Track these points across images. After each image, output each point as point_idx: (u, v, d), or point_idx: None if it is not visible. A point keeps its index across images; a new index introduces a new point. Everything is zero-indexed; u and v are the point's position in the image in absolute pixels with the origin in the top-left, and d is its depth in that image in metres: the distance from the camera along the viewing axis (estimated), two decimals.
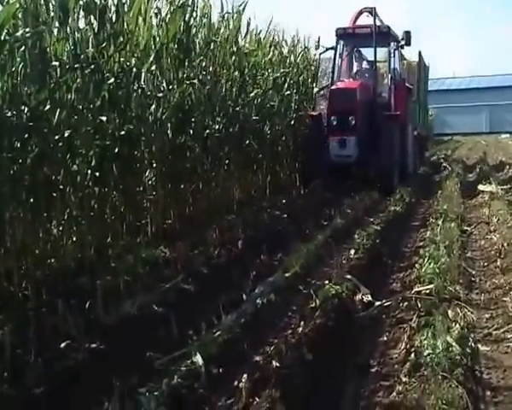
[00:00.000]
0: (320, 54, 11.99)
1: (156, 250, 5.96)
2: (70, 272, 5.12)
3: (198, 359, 3.22)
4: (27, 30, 4.25)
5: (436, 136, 32.11)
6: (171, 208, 7.09)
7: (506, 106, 40.88)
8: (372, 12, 11.17)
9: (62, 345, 3.49)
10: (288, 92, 10.85)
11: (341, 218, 7.35)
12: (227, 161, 8.44)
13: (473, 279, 5.17)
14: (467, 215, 7.96)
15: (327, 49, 11.78)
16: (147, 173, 6.50)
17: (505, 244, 5.76)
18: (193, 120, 7.15)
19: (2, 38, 4.03)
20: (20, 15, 4.35)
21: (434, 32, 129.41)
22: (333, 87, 10.99)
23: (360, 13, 12.33)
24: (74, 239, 5.52)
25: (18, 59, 4.31)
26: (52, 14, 4.71)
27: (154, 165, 6.61)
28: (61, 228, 5.33)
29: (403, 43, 11.37)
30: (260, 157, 9.65)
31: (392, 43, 11.46)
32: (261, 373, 3.02)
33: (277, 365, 3.08)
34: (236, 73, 8.53)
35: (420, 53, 15.12)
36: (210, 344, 3.53)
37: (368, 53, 11.97)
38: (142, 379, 3.11)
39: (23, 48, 4.31)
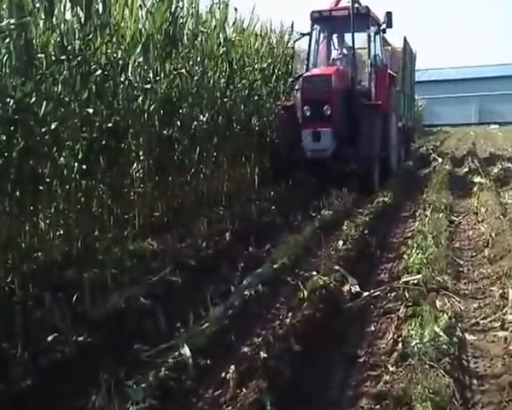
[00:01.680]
0: (295, 41, 11.17)
1: (144, 243, 5.95)
2: (57, 265, 5.09)
3: (185, 351, 3.22)
4: (12, 21, 4.17)
5: (425, 127, 32.28)
6: (158, 201, 7.06)
7: (495, 97, 41.08)
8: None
9: (49, 338, 3.48)
10: (276, 83, 10.77)
11: (330, 209, 7.35)
12: (215, 153, 8.40)
13: (461, 269, 5.20)
14: (455, 206, 7.99)
15: (302, 36, 10.92)
16: (134, 166, 6.44)
17: (493, 234, 5.80)
18: (180, 111, 7.10)
19: None
20: (4, 6, 4.28)
21: (423, 22, 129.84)
22: (306, 74, 10.00)
23: None
24: (61, 232, 5.49)
25: (3, 50, 4.24)
26: (38, 4, 4.63)
27: (142, 157, 6.56)
28: (47, 221, 5.29)
29: (384, 26, 10.49)
30: (248, 149, 9.62)
31: (372, 27, 10.44)
32: (249, 364, 3.02)
33: (265, 356, 3.08)
34: (224, 63, 8.46)
35: (405, 38, 14.04)
36: (197, 336, 3.53)
37: (350, 38, 10.62)
38: (129, 371, 3.11)
39: (8, 39, 4.25)
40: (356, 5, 9.89)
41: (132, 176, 6.53)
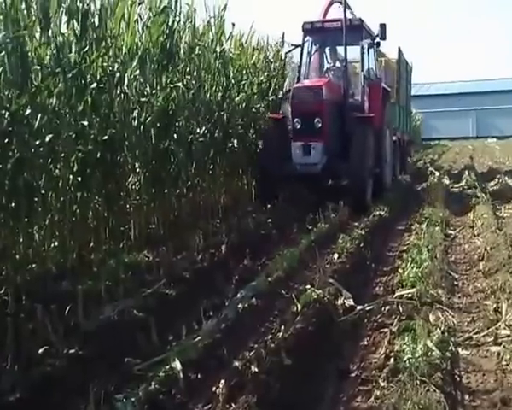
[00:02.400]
0: (286, 52, 10.99)
1: (139, 255, 5.96)
2: (51, 276, 5.09)
3: (176, 364, 3.20)
4: (7, 34, 4.20)
5: (424, 140, 32.48)
6: (155, 213, 7.06)
7: (492, 111, 41.30)
8: (343, 2, 9.69)
9: (40, 351, 3.47)
10: (275, 97, 10.81)
11: (326, 222, 7.35)
12: (212, 166, 8.41)
13: (455, 283, 5.19)
14: (451, 220, 7.99)
15: (295, 47, 10.62)
16: (130, 178, 6.44)
17: (488, 248, 5.80)
18: (177, 124, 7.12)
19: None
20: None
21: (422, 37, 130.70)
22: (296, 85, 9.71)
23: (331, 4, 11.15)
24: (56, 244, 5.49)
25: None
26: (34, 18, 4.66)
27: (138, 170, 6.57)
28: (42, 233, 5.29)
29: (378, 39, 10.18)
30: (245, 162, 9.63)
31: (365, 39, 10.12)
32: (239, 379, 3.00)
33: (256, 370, 3.07)
34: (221, 77, 8.51)
35: (399, 50, 13.76)
36: (189, 350, 3.51)
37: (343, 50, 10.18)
38: (120, 385, 3.10)
39: (3, 52, 4.27)
40: (349, 17, 9.64)
41: (128, 188, 6.54)
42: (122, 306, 4.34)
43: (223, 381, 2.93)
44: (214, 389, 2.97)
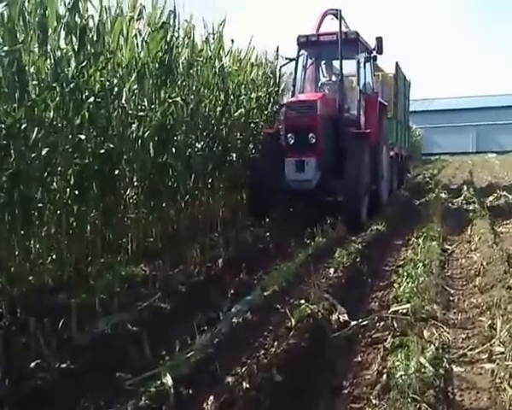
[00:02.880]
0: (281, 66, 10.72)
1: (136, 268, 5.97)
2: (48, 289, 5.09)
3: (167, 380, 3.18)
4: (3, 48, 4.24)
5: (424, 155, 32.68)
6: (153, 226, 7.07)
7: (492, 126, 41.60)
8: (337, 14, 9.45)
9: (32, 364, 3.45)
10: (275, 111, 10.83)
11: (323, 236, 7.35)
12: (210, 180, 8.43)
13: (451, 299, 5.17)
14: (449, 235, 7.97)
15: (290, 61, 10.38)
16: (128, 191, 6.46)
17: (484, 263, 5.78)
18: (175, 138, 7.15)
19: None
20: None
21: (423, 53, 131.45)
22: (290, 99, 9.54)
23: (324, 15, 10.73)
24: (53, 257, 5.49)
25: None
26: (31, 32, 4.70)
27: (136, 183, 6.59)
28: (37, 246, 5.29)
29: (374, 53, 9.93)
30: (244, 176, 9.64)
31: (361, 53, 9.87)
32: (229, 395, 2.99)
33: (247, 386, 3.05)
34: (220, 92, 8.56)
35: (397, 64, 13.64)
36: (182, 365, 3.50)
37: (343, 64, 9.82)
38: (110, 399, 3.08)
39: None
40: (344, 30, 9.41)
41: (126, 201, 6.56)
42: (116, 319, 4.34)
43: (212, 397, 2.90)
44: (204, 405, 2.95)
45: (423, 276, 5.16)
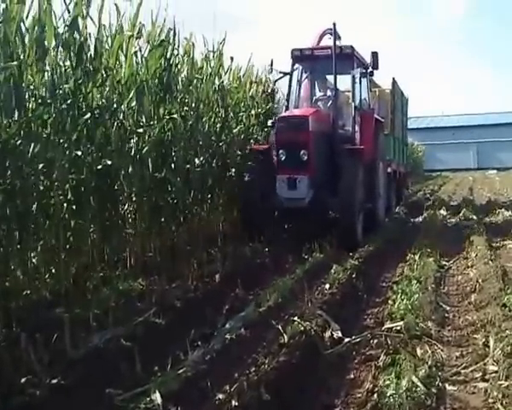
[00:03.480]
0: (275, 80, 10.45)
1: (134, 283, 5.98)
2: (45, 304, 5.09)
3: (157, 396, 3.18)
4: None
5: (426, 171, 32.99)
6: (151, 241, 7.09)
7: (493, 143, 41.88)
8: (332, 32, 9.21)
9: (23, 380, 3.45)
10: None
11: (321, 252, 7.35)
12: (210, 195, 8.46)
13: (446, 316, 5.15)
14: (445, 252, 7.96)
15: (284, 75, 10.13)
16: (126, 207, 6.48)
17: (480, 280, 5.77)
18: (173, 154, 7.19)
19: None
20: None
21: (424, 72, 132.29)
22: (281, 115, 9.27)
23: (324, 34, 10.68)
24: (52, 271, 5.50)
25: None
26: (28, 49, 4.76)
27: (134, 198, 6.62)
28: (34, 260, 5.31)
29: (370, 68, 9.75)
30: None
31: (357, 68, 9.66)
32: None
33: (236, 404, 3.05)
34: (219, 109, 8.62)
35: (394, 80, 13.53)
36: (172, 381, 3.49)
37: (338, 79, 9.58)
38: None
39: None
40: (339, 44, 9.21)
41: (124, 216, 6.58)
42: (110, 334, 4.35)
43: None
44: None
45: (418, 293, 5.15)
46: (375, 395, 3.33)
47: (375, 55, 9.50)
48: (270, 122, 10.04)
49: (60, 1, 5.25)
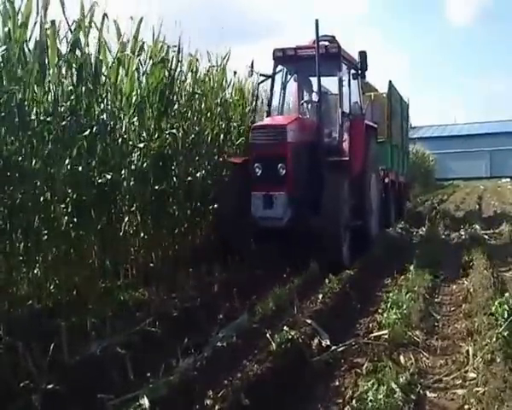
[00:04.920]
0: (258, 83, 9.36)
1: (135, 293, 6.17)
2: (46, 313, 5.29)
3: (145, 402, 3.34)
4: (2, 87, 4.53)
5: (438, 180, 33.01)
6: (152, 252, 7.28)
7: (506, 151, 41.53)
8: (332, 41, 8.76)
9: (21, 385, 3.64)
10: None
11: (318, 263, 7.43)
12: (211, 207, 8.61)
13: (436, 324, 5.25)
14: (443, 260, 8.02)
15: (266, 78, 9.17)
16: (126, 219, 6.68)
17: (471, 290, 5.86)
18: (174, 167, 7.39)
19: None
20: None
21: (436, 81, 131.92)
22: (257, 124, 8.34)
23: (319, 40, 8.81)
24: (54, 282, 5.71)
25: None
26: (31, 69, 4.99)
27: (135, 210, 6.81)
28: (39, 272, 5.52)
29: (358, 68, 8.82)
30: None
31: (344, 68, 8.75)
32: None
33: (219, 408, 3.20)
34: (222, 121, 8.82)
35: (390, 83, 12.60)
36: (162, 387, 3.63)
37: (327, 81, 9.14)
38: None
39: None
40: (324, 43, 8.46)
41: (125, 228, 6.78)
42: (107, 343, 4.51)
43: None
44: None
45: (408, 302, 5.26)
46: (354, 401, 3.47)
47: (362, 54, 8.66)
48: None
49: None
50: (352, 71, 8.99)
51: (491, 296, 5.36)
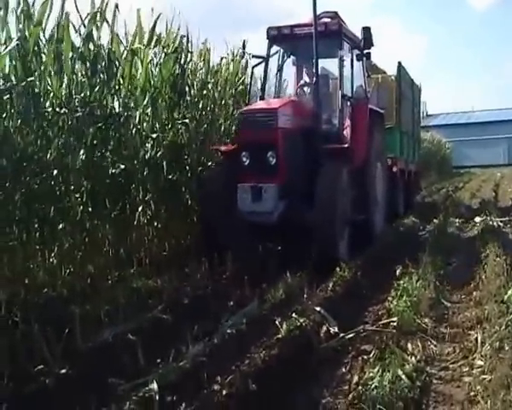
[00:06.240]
0: (253, 67, 8.49)
1: (148, 281, 6.28)
2: (61, 300, 5.43)
3: (154, 386, 3.43)
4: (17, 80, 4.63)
5: (455, 168, 32.69)
6: (166, 241, 7.39)
7: None
8: (333, 17, 8.10)
9: (35, 369, 3.77)
10: None
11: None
12: None
13: (445, 312, 5.26)
14: (456, 248, 7.99)
15: (262, 60, 8.34)
16: (140, 208, 6.78)
17: (483, 277, 5.86)
18: (186, 157, 7.46)
19: None
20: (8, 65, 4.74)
21: (453, 68, 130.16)
22: (245, 108, 7.68)
23: (320, 17, 8.10)
24: (70, 270, 5.85)
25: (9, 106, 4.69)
26: (46, 62, 5.09)
27: (149, 200, 6.92)
28: (54, 260, 5.66)
29: (361, 47, 8.04)
30: None
31: (346, 47, 8.01)
32: (206, 402, 3.21)
33: (226, 393, 3.28)
34: (236, 111, 8.84)
35: (400, 65, 11.75)
36: (172, 373, 3.73)
37: (329, 64, 8.51)
38: (100, 403, 3.34)
39: (14, 95, 4.70)
40: (324, 20, 7.85)
41: (139, 217, 6.89)
42: (119, 329, 4.63)
43: (183, 405, 3.13)
44: None
45: (418, 289, 5.28)
46: (360, 387, 3.52)
47: (366, 30, 7.86)
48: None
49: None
50: (356, 51, 8.21)
51: (503, 284, 5.34)
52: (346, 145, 7.41)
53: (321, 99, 7.46)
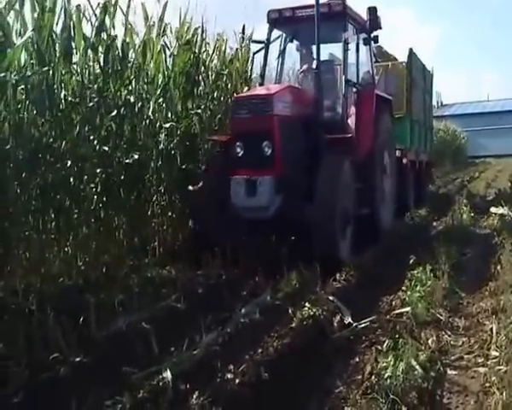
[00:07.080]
0: (254, 53, 8.26)
1: (162, 271, 6.32)
2: (76, 289, 5.48)
3: (167, 375, 3.45)
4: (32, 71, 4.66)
5: (470, 158, 32.40)
6: (180, 231, 7.41)
7: None
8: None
9: (51, 357, 3.82)
10: None
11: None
12: None
13: (460, 302, 5.23)
14: (471, 238, 7.93)
15: (264, 45, 7.93)
16: (154, 198, 6.81)
17: (498, 267, 5.80)
18: (200, 147, 7.47)
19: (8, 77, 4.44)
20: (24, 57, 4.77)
21: (468, 56, 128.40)
22: (239, 95, 7.38)
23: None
24: (85, 259, 5.91)
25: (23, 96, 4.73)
26: (57, 54, 5.11)
27: (162, 190, 6.94)
28: (70, 249, 5.72)
29: (367, 28, 7.60)
30: None
31: (351, 30, 7.55)
32: (219, 391, 3.23)
33: (239, 381, 3.30)
34: None
35: (411, 51, 11.13)
36: (185, 361, 3.76)
37: (334, 49, 8.22)
38: (115, 392, 3.37)
39: (29, 85, 4.73)
40: (328, 1, 7.46)
41: (153, 207, 6.93)
42: (133, 318, 4.67)
43: (196, 393, 3.15)
44: (193, 399, 3.19)
45: (432, 279, 5.25)
46: (373, 377, 3.51)
47: (372, 10, 7.36)
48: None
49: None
50: (363, 35, 7.81)
51: None
52: (350, 135, 6.91)
53: (323, 85, 7.01)
